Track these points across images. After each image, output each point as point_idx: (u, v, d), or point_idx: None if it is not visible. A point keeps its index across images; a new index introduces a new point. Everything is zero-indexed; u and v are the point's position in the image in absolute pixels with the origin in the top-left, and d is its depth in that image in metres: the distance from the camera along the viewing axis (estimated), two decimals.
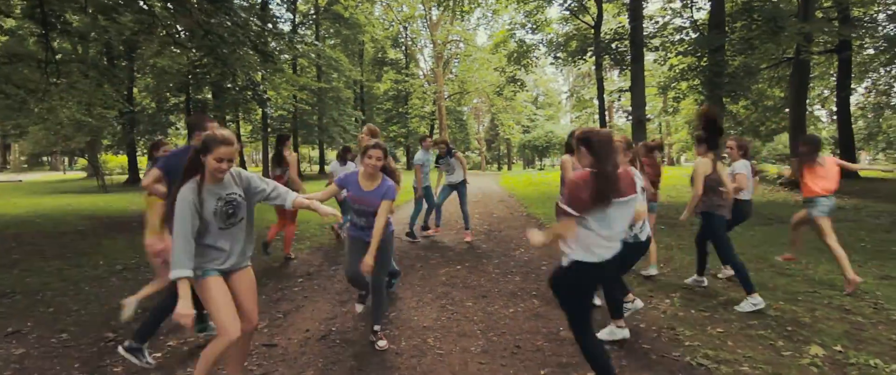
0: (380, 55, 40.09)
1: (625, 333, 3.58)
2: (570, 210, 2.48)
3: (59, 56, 9.56)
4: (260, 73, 13.14)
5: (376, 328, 3.59)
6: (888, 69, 17.48)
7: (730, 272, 5.07)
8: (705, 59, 10.00)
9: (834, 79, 16.79)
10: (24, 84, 9.86)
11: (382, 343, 3.55)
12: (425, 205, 7.92)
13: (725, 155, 4.92)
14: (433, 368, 3.26)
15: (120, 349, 3.36)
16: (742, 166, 4.91)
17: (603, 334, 3.55)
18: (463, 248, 7.21)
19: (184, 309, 2.33)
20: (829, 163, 4.84)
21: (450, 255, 6.76)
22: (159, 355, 3.54)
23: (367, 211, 3.44)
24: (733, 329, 3.82)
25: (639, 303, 3.99)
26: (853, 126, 27.50)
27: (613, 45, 13.27)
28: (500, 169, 49.90)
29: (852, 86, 17.03)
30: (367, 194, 3.41)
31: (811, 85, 20.62)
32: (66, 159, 47.44)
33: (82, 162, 37.15)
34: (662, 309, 4.35)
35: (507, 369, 3.24)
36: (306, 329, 3.99)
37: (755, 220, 9.36)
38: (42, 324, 4.24)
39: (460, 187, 7.72)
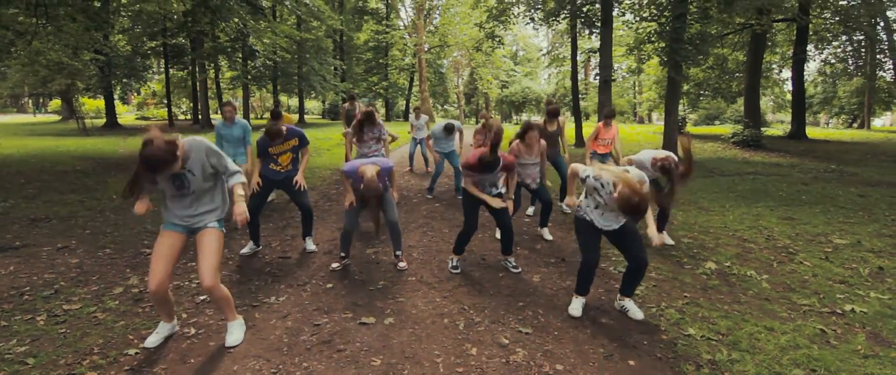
0: (361, 3, 39.58)
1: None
2: None
3: None
4: (245, 23, 13.34)
5: (398, 253, 4.32)
6: (843, 38, 18.65)
7: None
8: (668, 25, 10.79)
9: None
10: (13, 25, 10.08)
11: (402, 265, 4.29)
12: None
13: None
14: (418, 271, 4.23)
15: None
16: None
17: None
18: (441, 190, 8.13)
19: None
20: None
21: (429, 197, 7.70)
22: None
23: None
24: (651, 252, 4.86)
25: None
26: (814, 91, 29.18)
27: (585, 9, 13.91)
28: (477, 122, 50.46)
29: (810, 53, 18.19)
30: None
31: (777, 49, 21.70)
32: (30, 101, 46.01)
33: (54, 104, 36.46)
34: None
35: (473, 273, 4.22)
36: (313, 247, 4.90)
37: (699, 172, 10.54)
38: (85, 242, 5.04)
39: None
